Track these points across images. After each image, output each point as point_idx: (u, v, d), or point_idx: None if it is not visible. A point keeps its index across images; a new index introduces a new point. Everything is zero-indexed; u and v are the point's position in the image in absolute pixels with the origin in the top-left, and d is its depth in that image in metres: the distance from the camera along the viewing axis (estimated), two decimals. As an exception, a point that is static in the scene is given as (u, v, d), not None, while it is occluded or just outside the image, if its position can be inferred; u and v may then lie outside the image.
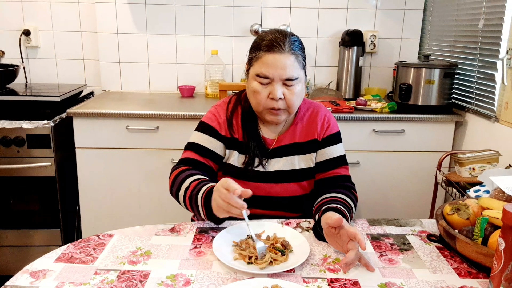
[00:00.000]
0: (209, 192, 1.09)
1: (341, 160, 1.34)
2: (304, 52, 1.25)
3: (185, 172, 1.22)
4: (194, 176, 1.19)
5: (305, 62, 1.25)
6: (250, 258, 0.99)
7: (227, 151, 1.30)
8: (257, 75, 1.20)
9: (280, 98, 1.20)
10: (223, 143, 1.30)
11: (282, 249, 1.02)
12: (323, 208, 1.13)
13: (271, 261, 0.98)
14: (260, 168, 1.29)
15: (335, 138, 1.35)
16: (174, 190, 1.21)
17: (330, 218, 1.03)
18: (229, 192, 0.99)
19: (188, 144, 1.32)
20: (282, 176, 1.31)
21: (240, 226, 1.13)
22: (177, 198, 1.21)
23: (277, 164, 1.31)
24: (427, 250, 1.06)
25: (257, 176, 1.29)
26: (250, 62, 1.25)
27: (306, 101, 1.39)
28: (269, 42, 1.19)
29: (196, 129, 1.33)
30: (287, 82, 1.20)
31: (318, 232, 1.10)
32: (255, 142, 1.29)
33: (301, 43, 1.25)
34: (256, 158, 1.29)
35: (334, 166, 1.32)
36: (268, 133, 1.33)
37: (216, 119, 1.31)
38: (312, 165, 1.33)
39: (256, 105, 1.25)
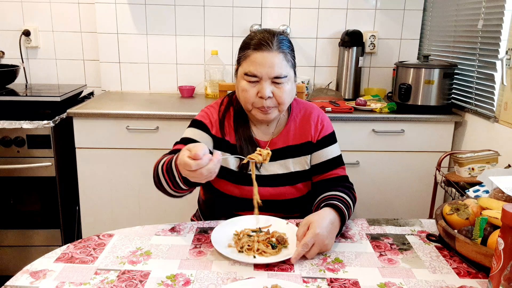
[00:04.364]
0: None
1: (338, 161, 1.33)
2: (293, 51, 1.24)
3: (163, 157, 1.17)
4: (170, 155, 1.15)
5: (294, 61, 1.24)
6: (241, 247, 1.02)
7: (214, 150, 1.27)
8: (246, 74, 1.20)
9: (269, 97, 1.19)
10: (212, 140, 1.29)
11: (275, 243, 1.03)
12: (321, 206, 1.14)
13: (260, 253, 1.00)
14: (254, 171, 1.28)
15: (330, 139, 1.33)
16: (155, 178, 1.16)
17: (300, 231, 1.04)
18: (190, 163, 0.93)
19: (179, 139, 1.30)
20: (277, 179, 1.29)
21: (243, 218, 1.16)
22: (160, 185, 1.14)
23: (271, 168, 1.29)
24: (426, 250, 1.06)
25: (251, 180, 1.26)
26: (238, 62, 1.25)
27: (299, 102, 1.38)
28: (257, 41, 1.19)
29: (188, 126, 1.33)
30: (275, 80, 1.19)
31: None
32: (248, 145, 1.27)
33: (289, 42, 1.24)
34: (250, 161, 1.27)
35: (331, 168, 1.31)
36: (260, 135, 1.32)
37: (208, 117, 1.31)
38: (307, 167, 1.32)
39: (245, 103, 1.23)
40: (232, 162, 1.29)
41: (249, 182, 1.24)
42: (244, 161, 1.09)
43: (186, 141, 1.27)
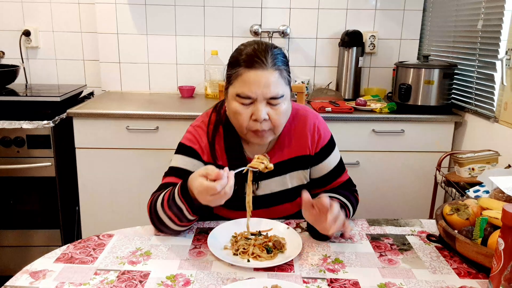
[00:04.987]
0: (183, 187, 1.01)
1: (340, 168, 1.27)
2: (288, 66, 1.14)
3: (157, 195, 1.10)
4: (165, 190, 1.09)
5: (290, 77, 1.14)
6: (237, 250, 1.02)
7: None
8: (238, 95, 1.08)
9: (264, 119, 1.08)
10: None
11: (271, 248, 1.03)
12: None
13: (255, 257, 1.00)
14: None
15: (329, 148, 1.25)
16: (154, 218, 1.09)
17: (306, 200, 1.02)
18: (214, 186, 0.91)
19: (168, 169, 1.20)
20: (274, 198, 1.23)
21: (244, 221, 1.14)
22: (161, 224, 1.08)
23: (268, 187, 1.22)
24: (426, 250, 1.06)
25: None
26: (229, 80, 1.12)
27: (292, 108, 1.23)
28: (249, 57, 1.07)
29: (176, 152, 1.21)
30: (271, 101, 1.08)
31: (312, 230, 1.09)
32: (241, 166, 1.11)
33: (284, 56, 1.13)
34: (245, 184, 1.14)
35: (334, 178, 1.26)
36: (253, 154, 1.19)
37: (198, 142, 1.19)
38: (306, 182, 1.25)
39: (239, 127, 1.13)
40: None
41: (245, 206, 1.16)
42: (244, 171, 1.03)
43: (177, 171, 1.17)
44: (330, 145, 1.26)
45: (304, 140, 1.23)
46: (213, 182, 0.92)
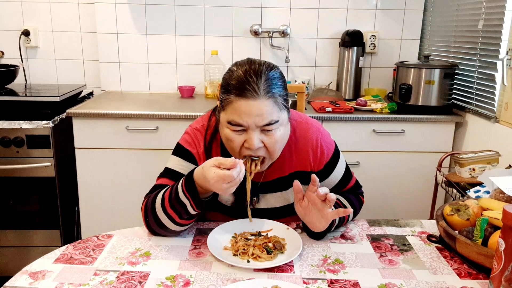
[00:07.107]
0: (188, 181, 1.00)
1: (347, 177, 1.24)
2: (285, 88, 1.06)
3: (153, 196, 1.09)
4: (163, 190, 1.07)
5: (287, 101, 1.07)
6: (237, 251, 1.01)
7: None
8: (229, 123, 1.03)
9: (258, 147, 1.03)
10: None
11: (271, 249, 1.02)
12: None
13: (255, 257, 0.99)
14: (250, 206, 1.15)
15: (333, 161, 1.20)
16: (151, 220, 1.07)
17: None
18: (231, 173, 0.92)
19: (164, 170, 1.18)
20: (275, 213, 1.19)
21: (244, 221, 1.15)
22: (158, 225, 1.06)
23: (269, 201, 1.19)
24: (427, 251, 1.06)
25: (246, 213, 1.13)
26: (221, 104, 1.06)
27: (291, 119, 1.16)
28: (239, 83, 1.00)
29: (174, 153, 1.19)
30: (265, 127, 1.02)
31: (307, 228, 1.10)
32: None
33: (280, 78, 1.05)
34: (245, 188, 1.11)
35: (341, 187, 1.24)
36: None
37: (195, 147, 1.16)
38: None
39: (232, 154, 1.09)
40: (224, 198, 1.18)
41: (244, 216, 1.15)
42: (244, 161, 1.02)
43: (172, 174, 1.15)
44: (334, 158, 1.21)
45: (305, 156, 1.18)
46: (228, 170, 0.93)
